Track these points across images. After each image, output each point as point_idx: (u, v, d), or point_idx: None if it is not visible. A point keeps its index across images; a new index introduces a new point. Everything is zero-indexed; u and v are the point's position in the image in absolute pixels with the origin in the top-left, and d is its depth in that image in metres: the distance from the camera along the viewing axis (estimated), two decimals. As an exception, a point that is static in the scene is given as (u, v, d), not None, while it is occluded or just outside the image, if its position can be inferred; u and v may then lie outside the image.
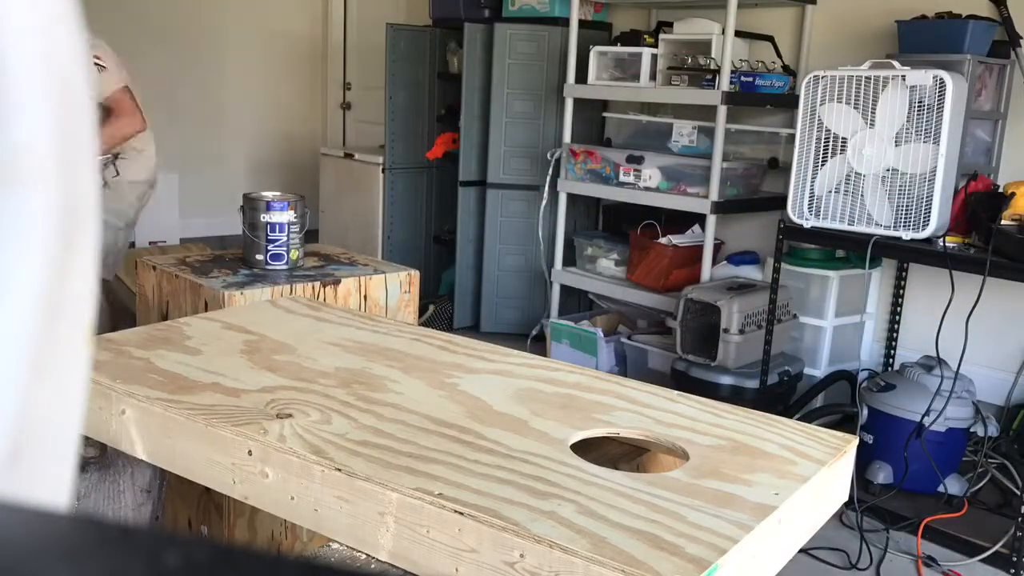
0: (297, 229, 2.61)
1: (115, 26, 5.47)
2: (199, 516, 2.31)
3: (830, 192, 2.97)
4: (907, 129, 2.81)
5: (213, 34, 6.38)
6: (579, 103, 4.20)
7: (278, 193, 2.69)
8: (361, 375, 1.67)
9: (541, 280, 4.48)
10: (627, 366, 3.86)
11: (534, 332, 4.37)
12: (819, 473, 1.36)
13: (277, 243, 2.57)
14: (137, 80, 3.42)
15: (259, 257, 2.58)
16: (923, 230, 2.79)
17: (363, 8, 6.66)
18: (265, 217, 2.57)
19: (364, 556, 1.37)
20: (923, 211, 2.79)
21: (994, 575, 2.61)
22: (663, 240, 3.91)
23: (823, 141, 2.96)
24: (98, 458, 1.94)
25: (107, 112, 3.37)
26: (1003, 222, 2.69)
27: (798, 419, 3.08)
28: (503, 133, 4.51)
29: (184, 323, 1.97)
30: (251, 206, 2.60)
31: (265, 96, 6.80)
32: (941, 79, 2.74)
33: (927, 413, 2.81)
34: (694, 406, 1.61)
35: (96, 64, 3.23)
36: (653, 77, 3.90)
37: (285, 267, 2.59)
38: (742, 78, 3.67)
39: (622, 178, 3.94)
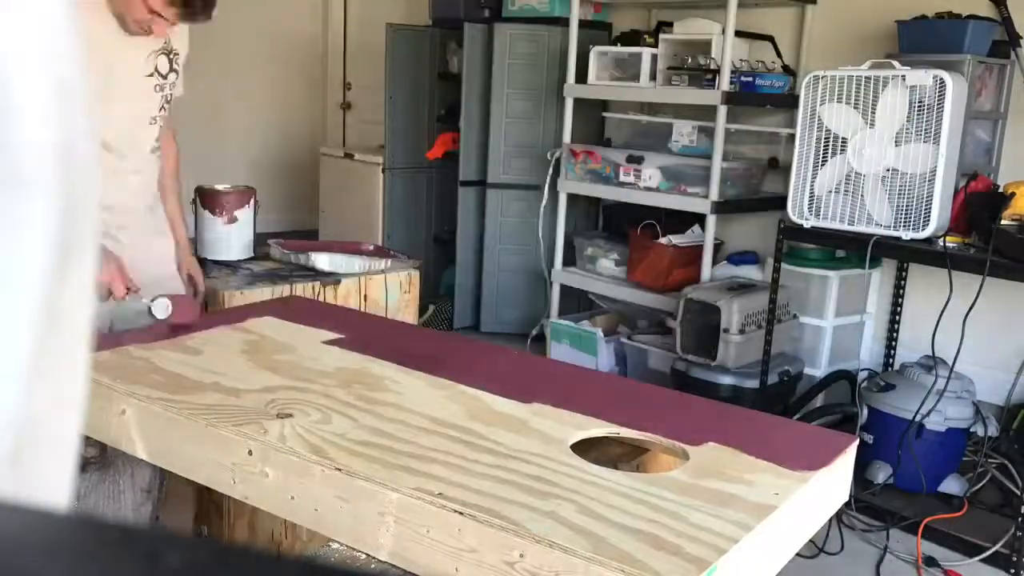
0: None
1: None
2: (199, 516, 2.31)
3: (830, 192, 2.97)
4: (907, 129, 2.81)
5: (213, 34, 6.36)
6: (579, 103, 4.19)
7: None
8: (361, 375, 1.67)
9: (541, 280, 4.47)
10: (627, 366, 3.86)
11: (534, 332, 4.37)
12: (819, 473, 1.36)
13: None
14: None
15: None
16: (923, 230, 2.79)
17: (363, 8, 6.66)
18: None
19: (364, 556, 1.36)
20: (923, 211, 2.79)
21: (994, 575, 2.61)
22: (663, 240, 3.91)
23: (823, 141, 2.96)
24: (98, 458, 1.94)
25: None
26: (1003, 222, 2.69)
27: (798, 419, 3.08)
28: (503, 133, 4.50)
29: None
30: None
31: (265, 96, 6.79)
32: (941, 79, 2.73)
33: (926, 414, 2.81)
34: (693, 406, 1.61)
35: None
36: (653, 77, 3.90)
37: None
38: (742, 78, 3.67)
39: (622, 178, 3.94)
